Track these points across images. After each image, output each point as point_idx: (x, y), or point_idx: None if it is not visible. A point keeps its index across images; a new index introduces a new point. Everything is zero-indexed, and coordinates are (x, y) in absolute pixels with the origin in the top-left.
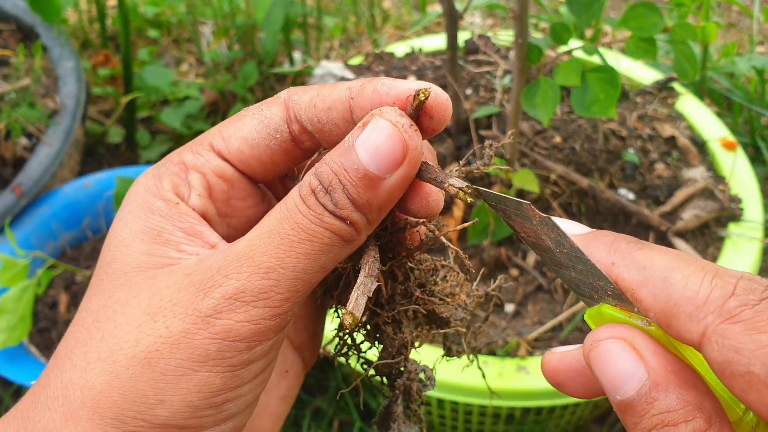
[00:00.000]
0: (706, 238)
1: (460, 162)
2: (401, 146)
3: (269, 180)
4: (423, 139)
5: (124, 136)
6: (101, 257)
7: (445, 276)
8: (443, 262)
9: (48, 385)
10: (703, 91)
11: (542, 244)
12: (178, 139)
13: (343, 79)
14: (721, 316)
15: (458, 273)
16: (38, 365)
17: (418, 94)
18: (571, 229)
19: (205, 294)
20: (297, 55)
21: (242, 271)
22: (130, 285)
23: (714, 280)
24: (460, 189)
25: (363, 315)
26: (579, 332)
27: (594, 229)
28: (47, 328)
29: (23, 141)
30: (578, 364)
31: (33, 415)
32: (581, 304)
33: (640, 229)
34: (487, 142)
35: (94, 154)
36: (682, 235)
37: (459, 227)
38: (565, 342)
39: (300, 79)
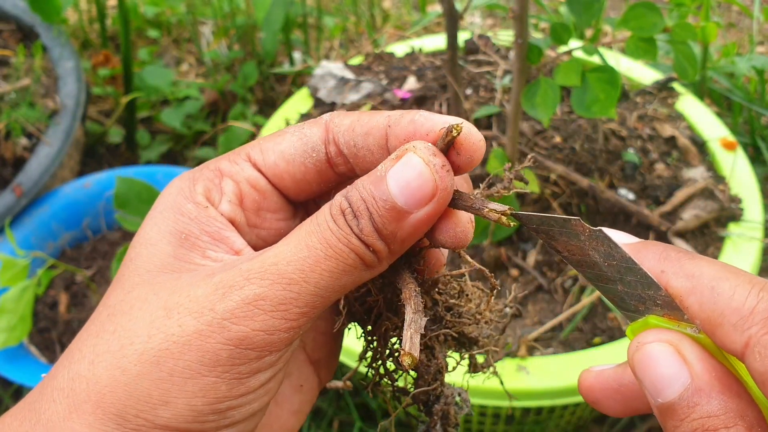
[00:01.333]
0: (706, 238)
1: (481, 186)
2: (431, 185)
3: (301, 199)
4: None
5: (124, 136)
6: (127, 254)
7: (468, 294)
8: (473, 285)
9: (56, 376)
10: (703, 91)
11: (588, 260)
12: (178, 139)
13: (342, 79)
14: (766, 327)
15: (482, 291)
16: (38, 365)
17: (451, 130)
18: (621, 239)
19: (224, 294)
20: (297, 55)
21: (265, 277)
22: (152, 283)
23: (761, 293)
24: (501, 213)
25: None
26: (579, 332)
27: (642, 240)
28: (47, 328)
29: (23, 141)
30: (614, 381)
31: (38, 407)
32: (581, 304)
33: (640, 229)
34: (506, 165)
35: (94, 154)
36: (682, 235)
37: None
38: (565, 342)
39: (300, 79)
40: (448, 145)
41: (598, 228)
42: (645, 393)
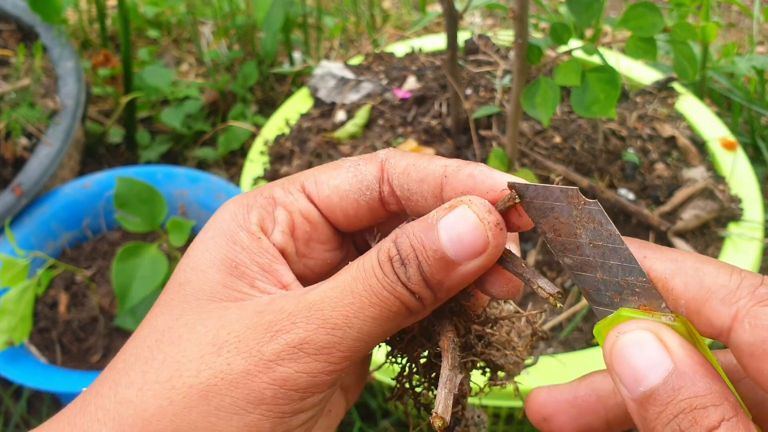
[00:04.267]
0: (706, 237)
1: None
2: (483, 242)
3: (349, 231)
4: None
5: (124, 136)
6: (175, 276)
7: (500, 323)
8: (504, 315)
9: (101, 394)
10: (703, 91)
11: (573, 243)
12: (178, 139)
13: (342, 79)
14: (754, 299)
15: (512, 320)
16: (38, 365)
17: (514, 197)
18: None
19: (271, 337)
20: (297, 55)
21: (311, 322)
22: (200, 311)
23: (743, 273)
24: (551, 295)
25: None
26: (579, 332)
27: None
28: (47, 328)
29: (23, 141)
30: (569, 394)
31: (80, 423)
32: (581, 304)
33: (640, 229)
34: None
35: (94, 154)
36: (682, 235)
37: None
38: (565, 342)
39: (300, 78)
40: (508, 208)
41: (594, 200)
42: (620, 389)
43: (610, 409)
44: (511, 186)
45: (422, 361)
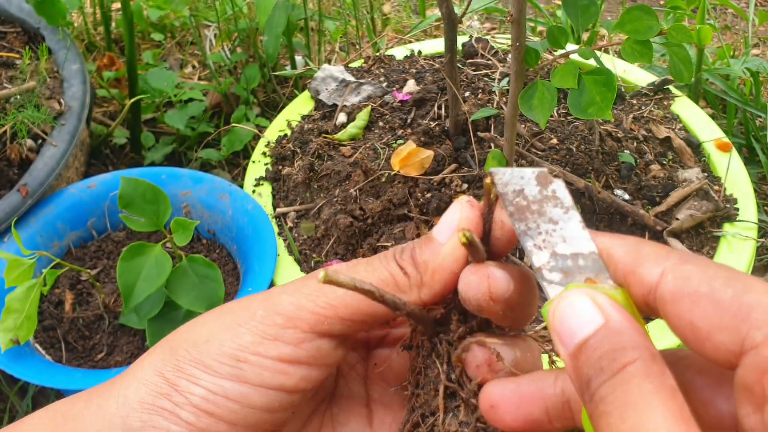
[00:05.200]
0: (701, 237)
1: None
2: (456, 215)
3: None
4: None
5: (129, 138)
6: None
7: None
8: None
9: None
10: (698, 93)
11: (531, 222)
12: (182, 141)
13: (343, 81)
14: (679, 259)
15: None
16: (43, 363)
17: (488, 185)
18: None
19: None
20: (299, 58)
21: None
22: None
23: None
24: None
25: None
26: None
27: None
28: (52, 326)
29: (29, 142)
30: (512, 384)
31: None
32: None
33: (635, 229)
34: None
35: (99, 156)
36: (677, 235)
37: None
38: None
39: (302, 81)
40: (491, 207)
41: (559, 178)
42: (559, 350)
43: (548, 399)
44: (485, 174)
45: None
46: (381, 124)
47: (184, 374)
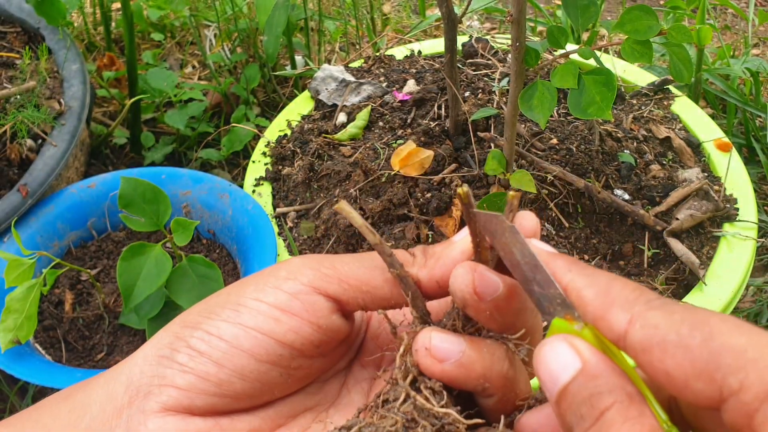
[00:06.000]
0: (701, 237)
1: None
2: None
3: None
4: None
5: (129, 138)
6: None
7: None
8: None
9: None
10: (698, 93)
11: (514, 260)
12: (182, 141)
13: (343, 81)
14: (645, 305)
15: None
16: (43, 363)
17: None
18: (540, 246)
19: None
20: (299, 58)
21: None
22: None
23: (646, 290)
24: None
25: None
26: None
27: (554, 252)
28: (52, 326)
29: (29, 142)
30: (547, 410)
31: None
32: None
33: (635, 229)
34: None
35: (99, 156)
36: (677, 234)
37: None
38: None
39: (302, 81)
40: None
41: (511, 224)
42: (547, 395)
43: None
44: (472, 214)
45: None
46: (381, 124)
47: (189, 323)
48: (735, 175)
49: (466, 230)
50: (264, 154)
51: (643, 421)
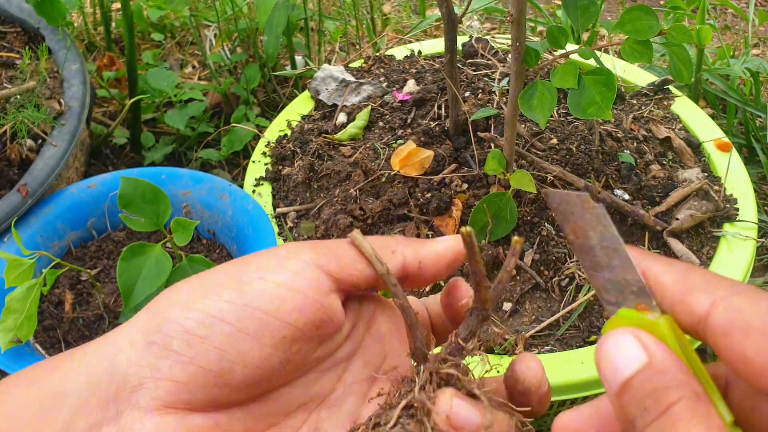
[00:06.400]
0: (701, 237)
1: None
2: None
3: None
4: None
5: (129, 138)
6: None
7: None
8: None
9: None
10: (698, 93)
11: (587, 245)
12: (182, 141)
13: (343, 81)
14: (729, 290)
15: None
16: None
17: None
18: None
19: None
20: (299, 58)
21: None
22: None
23: (726, 277)
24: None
25: None
26: (576, 330)
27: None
28: (53, 326)
29: (29, 142)
30: (590, 410)
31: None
32: (578, 302)
33: (635, 229)
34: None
35: (99, 156)
36: (677, 235)
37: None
38: (563, 339)
39: (302, 81)
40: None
41: (600, 203)
42: (606, 388)
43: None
44: (544, 193)
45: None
46: (381, 124)
47: (181, 302)
48: (735, 175)
49: (450, 238)
50: (264, 154)
51: (710, 421)
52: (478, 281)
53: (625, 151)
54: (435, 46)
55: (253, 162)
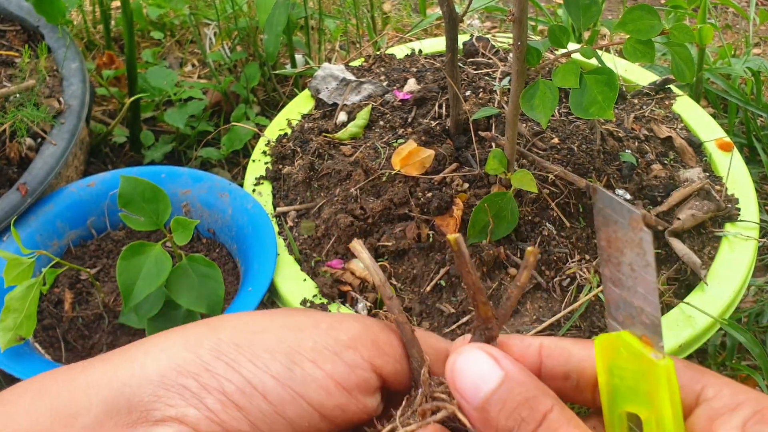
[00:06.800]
0: (703, 237)
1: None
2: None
3: None
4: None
5: (129, 137)
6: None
7: None
8: None
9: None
10: (699, 92)
11: (616, 259)
12: (182, 140)
13: (344, 80)
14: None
15: None
16: (43, 362)
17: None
18: None
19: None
20: (299, 57)
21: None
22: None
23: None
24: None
25: None
26: (577, 330)
27: None
28: (52, 325)
29: (28, 141)
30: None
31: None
32: (579, 303)
33: None
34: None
35: (98, 154)
36: (678, 234)
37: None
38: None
39: (302, 80)
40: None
41: (645, 229)
42: (462, 404)
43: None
44: (592, 188)
45: None
46: (381, 123)
47: (225, 357)
48: (736, 175)
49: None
50: (264, 153)
51: (581, 425)
52: (474, 295)
53: (627, 150)
54: (436, 44)
55: (253, 161)
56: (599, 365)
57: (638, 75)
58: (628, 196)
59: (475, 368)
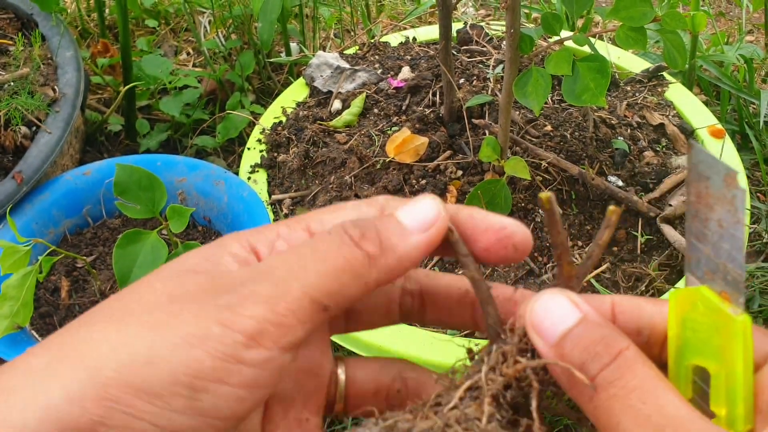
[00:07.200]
0: None
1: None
2: (434, 214)
3: None
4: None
5: (124, 125)
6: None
7: None
8: None
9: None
10: (692, 79)
11: (705, 213)
12: (177, 128)
13: (338, 68)
14: None
15: None
16: None
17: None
18: None
19: (224, 292)
20: (293, 45)
21: (258, 280)
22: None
23: None
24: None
25: None
26: None
27: None
28: (49, 313)
29: (23, 129)
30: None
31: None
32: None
33: (629, 215)
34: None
35: (94, 143)
36: (670, 221)
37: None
38: None
39: (296, 68)
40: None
41: (744, 189)
42: (537, 343)
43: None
44: (689, 144)
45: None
46: (376, 110)
47: (119, 406)
48: (728, 162)
49: (418, 215)
50: (259, 141)
51: (653, 365)
52: (560, 254)
53: (619, 137)
54: (430, 32)
55: (249, 149)
56: (671, 318)
57: (631, 62)
58: (620, 183)
59: (554, 308)
